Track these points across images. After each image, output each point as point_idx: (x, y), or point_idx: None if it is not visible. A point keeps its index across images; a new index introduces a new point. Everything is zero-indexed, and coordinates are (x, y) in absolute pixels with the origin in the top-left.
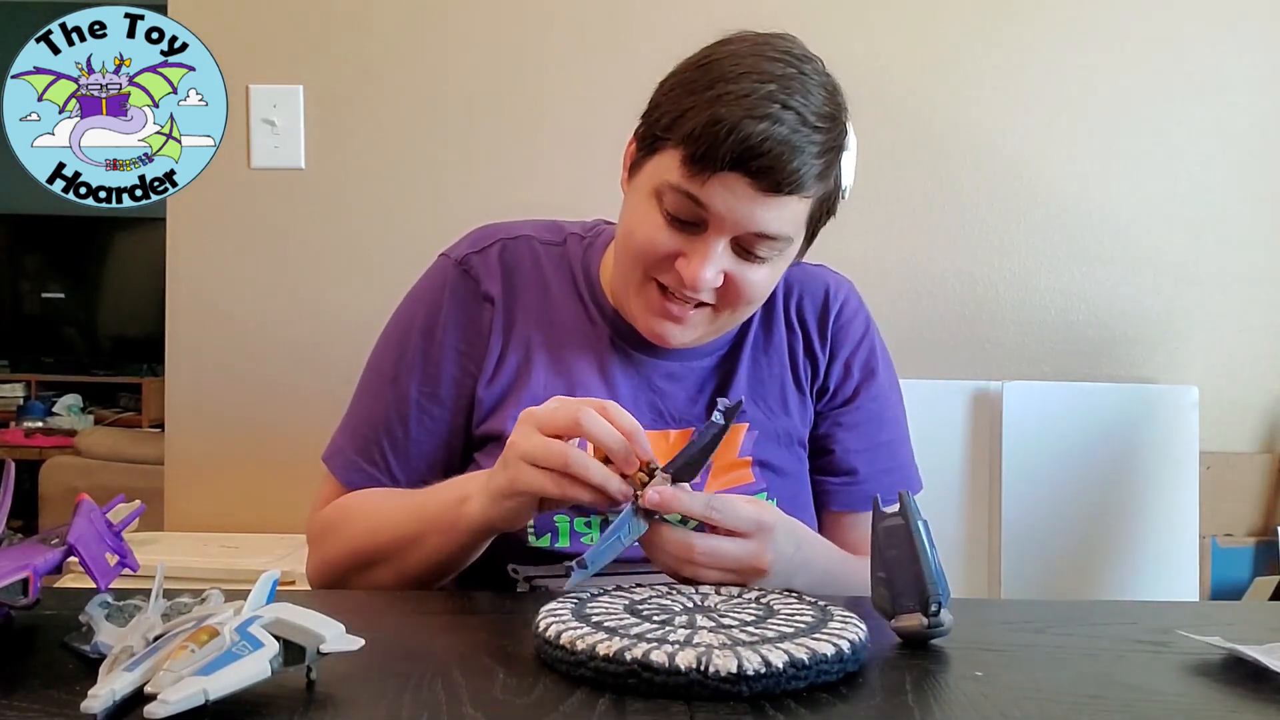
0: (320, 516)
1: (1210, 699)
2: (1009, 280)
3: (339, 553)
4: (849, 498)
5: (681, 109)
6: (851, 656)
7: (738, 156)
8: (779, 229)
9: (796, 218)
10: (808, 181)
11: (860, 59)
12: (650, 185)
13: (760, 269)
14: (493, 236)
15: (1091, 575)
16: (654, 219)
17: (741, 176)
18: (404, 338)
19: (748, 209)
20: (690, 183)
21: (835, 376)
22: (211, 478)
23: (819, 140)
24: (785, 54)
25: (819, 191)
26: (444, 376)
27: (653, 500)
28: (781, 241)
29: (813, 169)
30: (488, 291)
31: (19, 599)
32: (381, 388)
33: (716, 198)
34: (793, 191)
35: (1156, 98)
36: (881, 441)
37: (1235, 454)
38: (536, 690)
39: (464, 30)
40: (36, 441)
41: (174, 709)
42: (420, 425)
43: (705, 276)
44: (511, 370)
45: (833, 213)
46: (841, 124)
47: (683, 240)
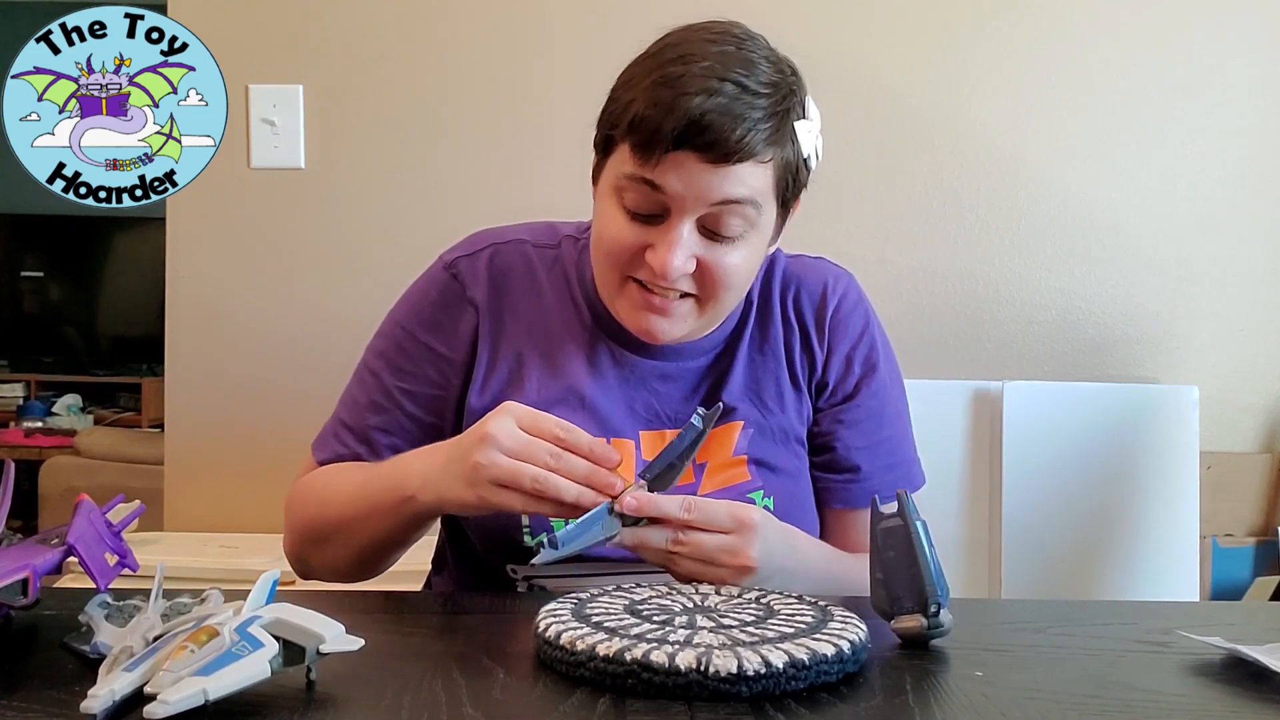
0: (289, 496)
1: (1210, 699)
2: (1009, 280)
3: (295, 526)
4: (851, 495)
5: (625, 103)
6: (851, 657)
7: (681, 133)
8: (738, 195)
9: (755, 185)
10: (757, 147)
11: (860, 59)
12: (610, 184)
13: (733, 251)
14: (485, 241)
15: (1091, 575)
16: (618, 217)
17: (689, 153)
18: (390, 333)
19: (703, 183)
20: (643, 169)
21: (835, 372)
22: (211, 478)
23: (763, 105)
24: (723, 34)
25: (775, 157)
26: (420, 377)
27: (630, 506)
28: (746, 211)
29: (760, 134)
30: (473, 297)
31: (19, 599)
32: (364, 377)
33: (669, 178)
34: (743, 159)
35: (1156, 98)
36: (883, 438)
37: (1235, 454)
38: (536, 690)
39: (464, 30)
40: (36, 441)
41: (174, 709)
42: (392, 420)
43: (675, 264)
44: (504, 376)
45: (801, 183)
46: (789, 90)
47: (648, 232)
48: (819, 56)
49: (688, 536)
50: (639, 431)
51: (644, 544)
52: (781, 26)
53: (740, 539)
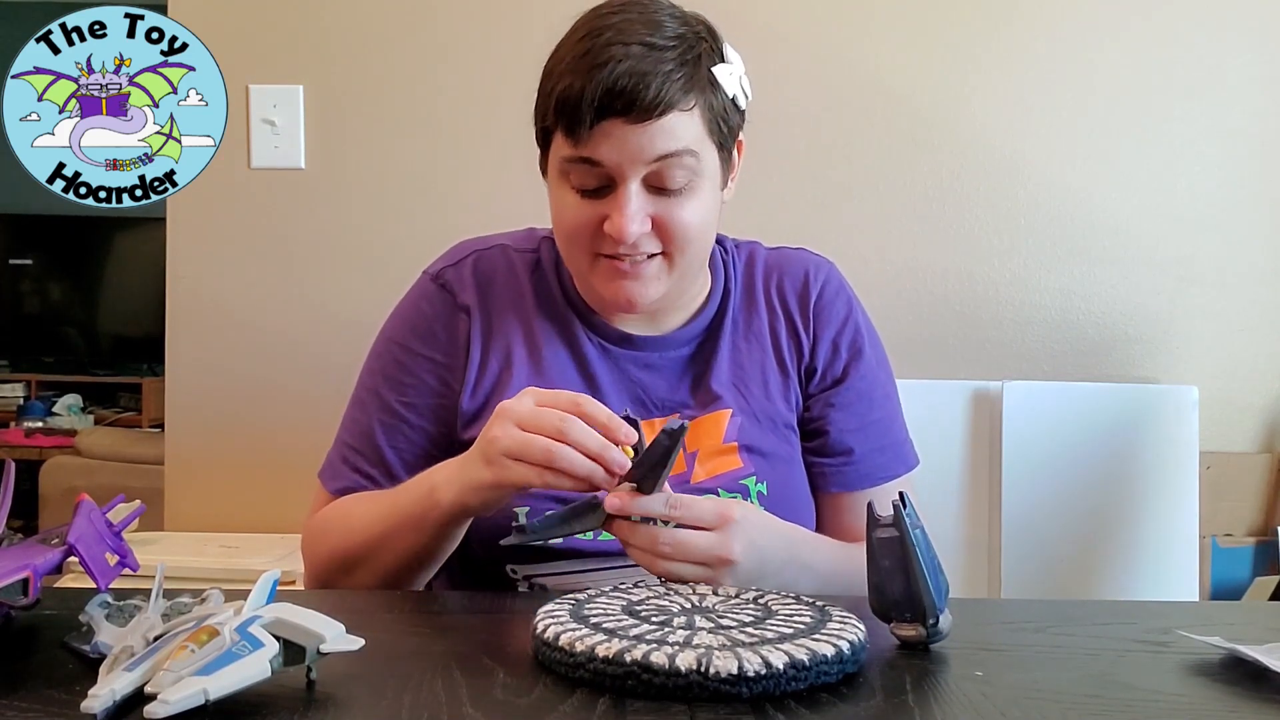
0: (306, 527)
1: (1210, 699)
2: (1009, 280)
3: (321, 559)
4: (845, 478)
5: (548, 92)
6: (851, 657)
7: (600, 104)
8: (671, 148)
9: (686, 135)
10: (675, 97)
11: (860, 59)
12: (555, 171)
13: (685, 203)
14: (467, 250)
15: (1091, 575)
16: (569, 199)
17: (614, 120)
18: (385, 352)
19: (634, 145)
20: (577, 148)
21: (822, 357)
22: (211, 478)
23: (671, 58)
24: (620, 7)
25: (698, 103)
26: (422, 388)
27: (614, 505)
28: (685, 161)
29: (674, 84)
30: (464, 302)
31: (19, 599)
32: (365, 400)
33: (603, 149)
34: (665, 111)
35: (1156, 98)
36: (874, 419)
37: (1235, 454)
38: (536, 690)
39: (464, 30)
40: (36, 441)
41: (174, 709)
42: (400, 435)
43: (631, 228)
44: (493, 376)
45: (734, 126)
46: (696, 39)
47: (600, 205)
48: (819, 56)
49: (672, 537)
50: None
51: (628, 541)
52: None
53: (723, 536)
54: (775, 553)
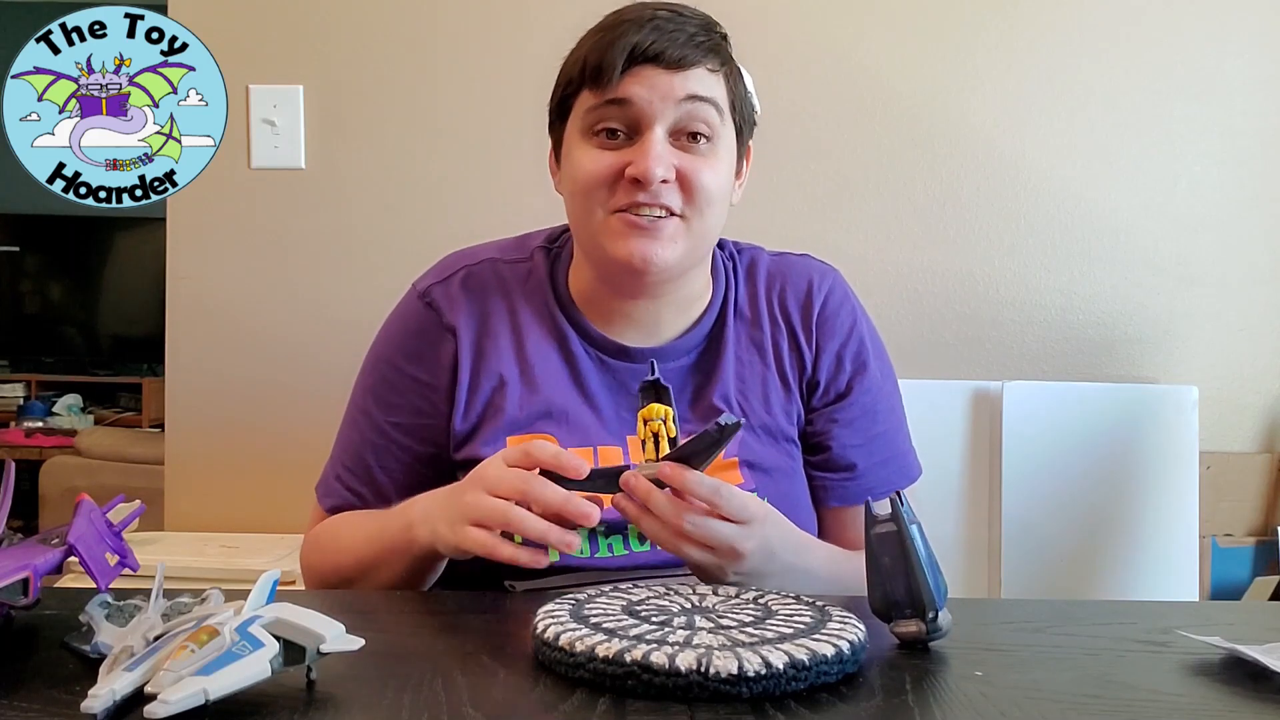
0: (304, 541)
1: (1210, 699)
2: (1009, 280)
3: (316, 574)
4: (848, 493)
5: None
6: (851, 657)
7: (632, 53)
8: (700, 91)
9: (713, 90)
10: (702, 54)
11: (860, 59)
12: (577, 131)
13: (706, 164)
14: (457, 265)
15: (1091, 575)
16: (591, 152)
17: (645, 65)
18: (374, 369)
19: (665, 84)
20: (606, 92)
21: (825, 370)
22: (211, 478)
23: (695, 25)
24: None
25: (723, 70)
26: (408, 407)
27: (665, 473)
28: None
29: (700, 44)
30: (450, 323)
31: (19, 599)
32: (355, 418)
33: (633, 88)
34: (694, 63)
35: (1156, 98)
36: (877, 434)
37: (1235, 454)
38: (536, 690)
39: (464, 30)
40: (36, 441)
41: (174, 709)
42: (390, 456)
43: (655, 169)
44: (485, 396)
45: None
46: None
47: (624, 153)
48: (819, 56)
49: (699, 521)
50: (627, 436)
51: (654, 507)
52: (782, 27)
53: (746, 530)
54: (784, 556)
